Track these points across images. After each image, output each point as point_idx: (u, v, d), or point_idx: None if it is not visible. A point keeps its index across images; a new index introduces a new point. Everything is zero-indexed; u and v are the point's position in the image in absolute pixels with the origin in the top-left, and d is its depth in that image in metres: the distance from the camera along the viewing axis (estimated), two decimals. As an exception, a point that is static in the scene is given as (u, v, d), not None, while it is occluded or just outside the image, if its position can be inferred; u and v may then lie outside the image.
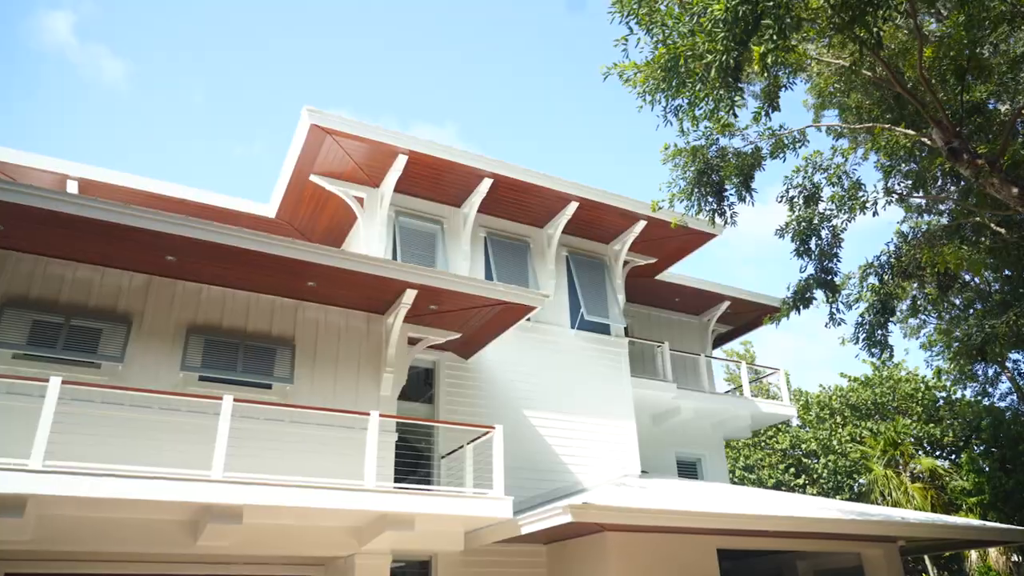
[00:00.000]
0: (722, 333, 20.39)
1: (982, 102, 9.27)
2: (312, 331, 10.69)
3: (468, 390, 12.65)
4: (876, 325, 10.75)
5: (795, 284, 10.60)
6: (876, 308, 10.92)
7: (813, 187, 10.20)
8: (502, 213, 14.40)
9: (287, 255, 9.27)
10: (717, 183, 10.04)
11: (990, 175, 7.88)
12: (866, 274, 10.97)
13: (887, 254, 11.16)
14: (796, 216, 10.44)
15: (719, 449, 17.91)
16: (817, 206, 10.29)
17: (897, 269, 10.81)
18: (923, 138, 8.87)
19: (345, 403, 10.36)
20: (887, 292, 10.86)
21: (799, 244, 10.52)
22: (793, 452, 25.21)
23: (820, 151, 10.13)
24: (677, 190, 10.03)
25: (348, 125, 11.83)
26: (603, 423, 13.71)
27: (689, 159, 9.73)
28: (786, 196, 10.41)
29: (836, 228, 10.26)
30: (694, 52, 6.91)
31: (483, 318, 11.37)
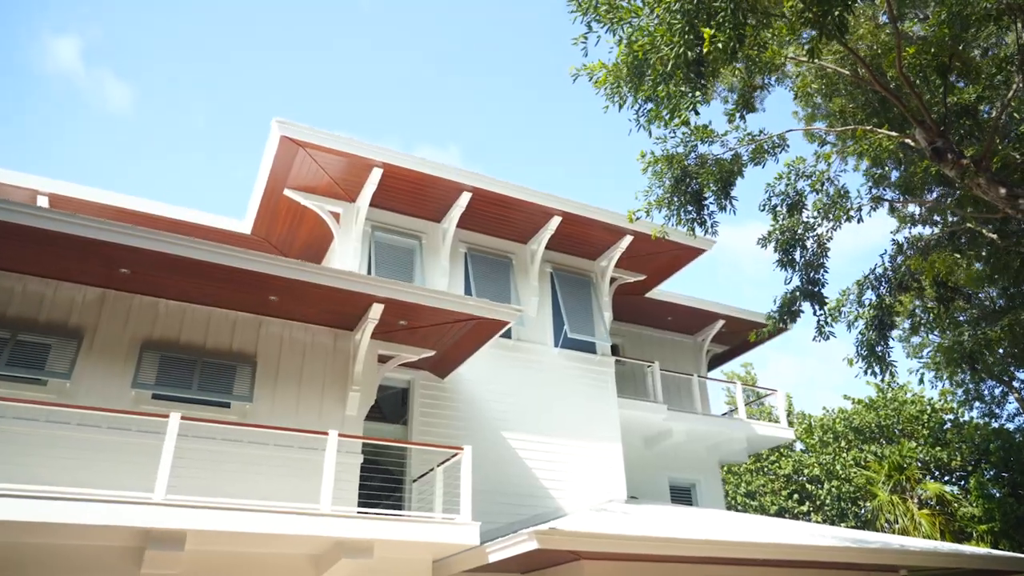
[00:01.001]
0: (718, 354, 19.82)
1: (971, 104, 8.86)
2: (275, 348, 10.28)
3: (444, 410, 12.16)
4: (875, 341, 10.21)
5: (780, 297, 10.10)
6: (874, 324, 10.40)
7: (796, 195, 9.77)
8: (483, 228, 14.03)
9: (244, 267, 8.90)
10: (696, 191, 9.62)
11: (976, 175, 7.43)
12: (863, 289, 10.47)
13: (882, 266, 10.67)
14: (779, 225, 10.00)
15: (715, 474, 17.26)
16: (801, 214, 9.84)
17: (894, 282, 10.31)
18: (907, 139, 8.44)
19: (308, 423, 9.90)
20: (885, 306, 10.35)
21: (782, 255, 10.05)
22: (797, 478, 24.42)
23: (803, 157, 9.72)
24: (654, 199, 9.62)
25: (319, 137, 11.53)
26: (587, 446, 13.16)
27: (665, 166, 9.33)
28: (768, 204, 9.98)
29: (821, 238, 9.80)
30: (653, 46, 6.55)
31: (457, 334, 10.93)
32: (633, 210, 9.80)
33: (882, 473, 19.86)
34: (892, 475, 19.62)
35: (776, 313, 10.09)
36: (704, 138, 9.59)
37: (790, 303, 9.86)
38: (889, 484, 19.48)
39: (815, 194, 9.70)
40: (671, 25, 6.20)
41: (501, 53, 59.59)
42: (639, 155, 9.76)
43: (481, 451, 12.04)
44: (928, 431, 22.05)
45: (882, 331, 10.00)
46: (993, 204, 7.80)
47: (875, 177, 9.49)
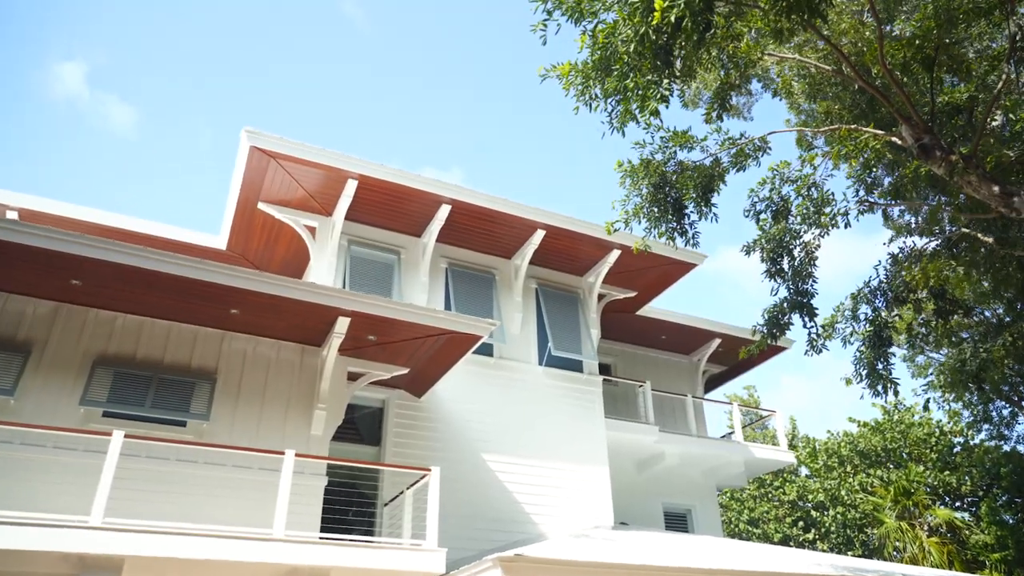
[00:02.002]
0: (715, 374, 19.21)
1: (963, 104, 8.41)
2: (238, 364, 9.84)
3: (420, 431, 11.65)
4: (874, 358, 9.66)
5: (767, 309, 9.58)
6: (871, 340, 9.86)
7: (781, 200, 9.31)
8: (465, 243, 13.62)
9: (198, 277, 8.50)
10: (676, 200, 9.18)
11: (966, 172, 6.96)
12: (857, 303, 9.94)
13: (877, 278, 10.15)
14: (766, 233, 9.52)
15: (711, 499, 16.57)
16: (787, 221, 9.37)
17: (890, 295, 9.79)
18: (893, 138, 7.99)
19: (270, 443, 9.42)
20: (881, 321, 9.82)
21: (769, 264, 9.56)
22: (802, 504, 23.58)
23: (787, 161, 9.27)
24: (631, 208, 9.18)
25: (290, 147, 11.20)
26: (573, 468, 12.58)
27: (642, 173, 8.90)
28: (752, 210, 9.51)
29: (808, 245, 9.31)
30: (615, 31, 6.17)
31: (430, 350, 10.46)
32: (611, 221, 9.35)
33: (888, 499, 19.08)
34: (899, 501, 18.84)
35: (763, 327, 9.56)
36: (683, 143, 9.17)
37: (778, 315, 9.34)
38: (896, 510, 18.69)
39: (801, 199, 9.23)
40: (631, 5, 5.82)
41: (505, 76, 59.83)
42: (616, 164, 9.34)
43: (459, 474, 11.52)
44: (936, 455, 21.26)
45: (880, 347, 9.46)
46: (985, 203, 7.32)
47: (861, 178, 9.01)
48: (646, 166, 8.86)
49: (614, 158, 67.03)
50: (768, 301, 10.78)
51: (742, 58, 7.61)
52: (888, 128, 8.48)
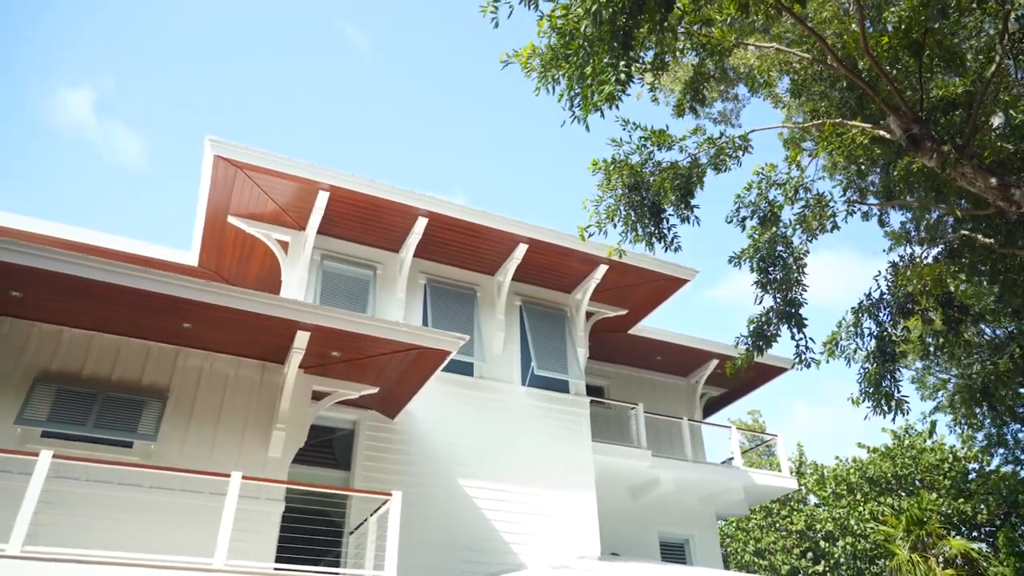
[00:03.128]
0: (714, 397, 18.45)
1: (958, 98, 7.85)
2: (192, 381, 9.30)
3: (393, 454, 11.02)
4: (879, 375, 8.99)
5: (752, 319, 8.95)
6: (876, 356, 9.19)
7: (768, 205, 8.73)
8: (446, 259, 13.11)
9: (144, 287, 7.98)
10: (653, 202, 8.63)
11: (959, 163, 6.39)
12: (860, 317, 9.30)
13: (879, 289, 9.50)
14: (756, 241, 8.93)
15: (711, 528, 15.74)
16: (776, 227, 8.79)
17: (894, 305, 9.14)
18: (881, 131, 7.44)
19: (224, 465, 8.82)
20: (886, 335, 9.16)
21: (760, 275, 8.95)
22: (811, 534, 22.57)
23: (774, 164, 8.73)
24: (605, 209, 8.63)
25: (256, 157, 10.78)
26: (557, 494, 11.88)
27: (615, 173, 8.37)
28: (737, 216, 8.93)
29: (796, 251, 8.71)
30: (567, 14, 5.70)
31: (399, 367, 9.88)
32: (584, 226, 8.80)
33: (900, 528, 18.12)
34: (911, 530, 17.87)
35: (747, 339, 8.92)
36: (661, 143, 8.65)
37: (764, 326, 8.70)
38: (908, 541, 17.73)
39: (789, 204, 8.66)
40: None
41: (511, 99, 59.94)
42: (591, 163, 8.82)
43: (434, 500, 10.88)
44: (950, 481, 20.28)
45: (886, 363, 8.79)
46: (982, 198, 6.75)
47: (847, 176, 8.42)
48: (617, 165, 8.33)
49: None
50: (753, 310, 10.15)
51: (716, 46, 7.11)
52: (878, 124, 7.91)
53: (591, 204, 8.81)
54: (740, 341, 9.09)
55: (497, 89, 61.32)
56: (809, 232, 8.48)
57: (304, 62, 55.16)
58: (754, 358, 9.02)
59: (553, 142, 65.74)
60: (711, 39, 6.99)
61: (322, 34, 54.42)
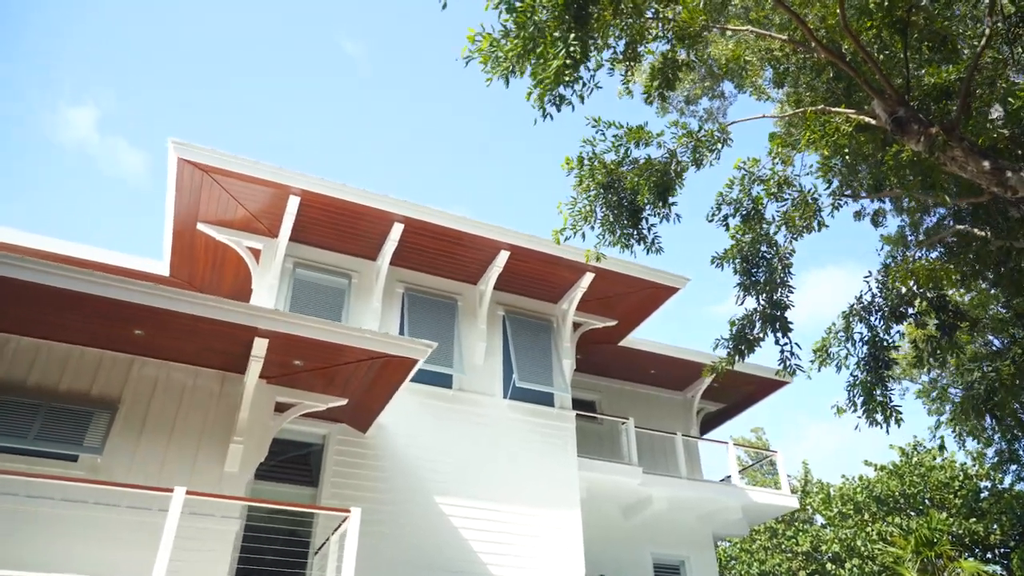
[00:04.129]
0: (712, 412, 17.82)
1: (951, 85, 7.36)
2: (146, 391, 8.82)
3: (364, 469, 10.49)
4: (871, 384, 8.42)
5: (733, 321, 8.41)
6: (867, 363, 8.63)
7: (752, 202, 8.23)
8: (425, 267, 12.65)
9: (84, 290, 7.55)
10: (631, 201, 8.16)
11: (948, 146, 5.89)
12: (850, 322, 8.75)
13: (870, 292, 8.94)
14: (738, 242, 8.42)
15: (708, 549, 15.03)
16: (759, 226, 8.28)
17: (886, 310, 8.58)
18: (865, 118, 6.95)
19: (176, 480, 8.32)
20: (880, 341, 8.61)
21: (744, 277, 8.42)
22: (818, 556, 21.72)
23: (757, 159, 8.23)
24: (580, 209, 8.16)
25: (222, 160, 10.40)
26: (540, 513, 11.29)
27: (588, 174, 7.90)
28: (718, 214, 8.42)
29: (781, 250, 8.19)
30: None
31: (366, 377, 9.39)
32: (558, 228, 8.32)
33: (909, 549, 17.31)
34: (920, 552, 17.07)
35: (728, 342, 8.37)
36: (638, 140, 8.19)
37: (746, 330, 8.16)
38: (917, 563, 16.93)
39: (773, 200, 8.16)
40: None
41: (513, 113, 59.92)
42: (564, 161, 8.36)
43: (408, 518, 10.32)
44: (961, 500, 19.46)
45: (878, 370, 8.22)
46: (975, 185, 6.24)
47: (833, 167, 7.91)
48: (591, 163, 7.87)
49: None
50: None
51: (686, 29, 6.67)
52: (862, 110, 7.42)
53: (566, 206, 8.34)
54: (720, 345, 8.53)
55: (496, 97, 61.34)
56: (794, 230, 7.97)
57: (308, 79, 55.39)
58: (735, 364, 8.46)
59: (544, 154, 65.59)
60: (679, 22, 6.55)
61: (323, 49, 54.68)
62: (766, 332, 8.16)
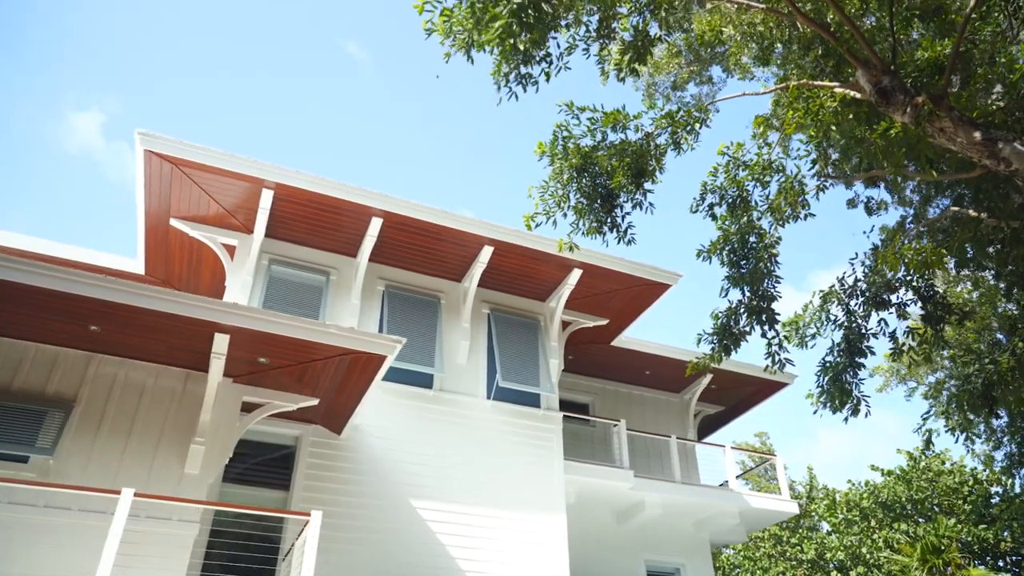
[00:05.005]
0: (711, 415, 17.31)
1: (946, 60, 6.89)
2: (104, 391, 8.47)
3: (338, 472, 10.09)
4: (841, 368, 7.97)
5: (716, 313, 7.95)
6: (840, 348, 8.18)
7: (737, 188, 7.79)
8: (407, 264, 12.28)
9: (31, 283, 7.20)
10: (606, 186, 7.75)
11: (935, 116, 5.45)
12: (827, 303, 8.29)
13: (853, 275, 8.45)
14: (725, 232, 7.98)
15: (704, 556, 14.52)
16: (746, 215, 7.83)
17: (869, 295, 8.11)
18: (850, 90, 6.51)
19: (134, 482, 7.94)
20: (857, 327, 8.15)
21: (732, 269, 7.97)
22: (824, 564, 21.09)
23: (742, 143, 7.79)
24: (552, 195, 7.75)
25: (191, 152, 10.06)
26: (523, 517, 10.85)
27: (560, 155, 7.51)
28: (700, 203, 7.97)
29: (765, 237, 7.74)
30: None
31: (335, 375, 9.00)
32: (529, 214, 7.92)
33: (916, 557, 16.72)
34: (928, 559, 16.48)
35: (712, 337, 7.91)
36: (615, 123, 7.78)
37: (730, 322, 7.71)
38: (924, 570, 16.33)
39: (759, 185, 7.72)
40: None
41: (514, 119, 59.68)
42: (537, 146, 7.96)
43: (384, 523, 9.93)
44: (970, 506, 18.82)
45: (852, 356, 7.76)
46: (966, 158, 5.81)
47: (818, 145, 7.46)
48: (568, 149, 7.47)
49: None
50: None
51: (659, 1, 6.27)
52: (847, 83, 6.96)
53: (537, 191, 7.94)
54: (704, 339, 8.07)
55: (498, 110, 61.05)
56: (779, 215, 7.51)
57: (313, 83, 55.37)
58: (720, 360, 8.00)
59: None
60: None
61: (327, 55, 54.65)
62: (752, 325, 7.72)
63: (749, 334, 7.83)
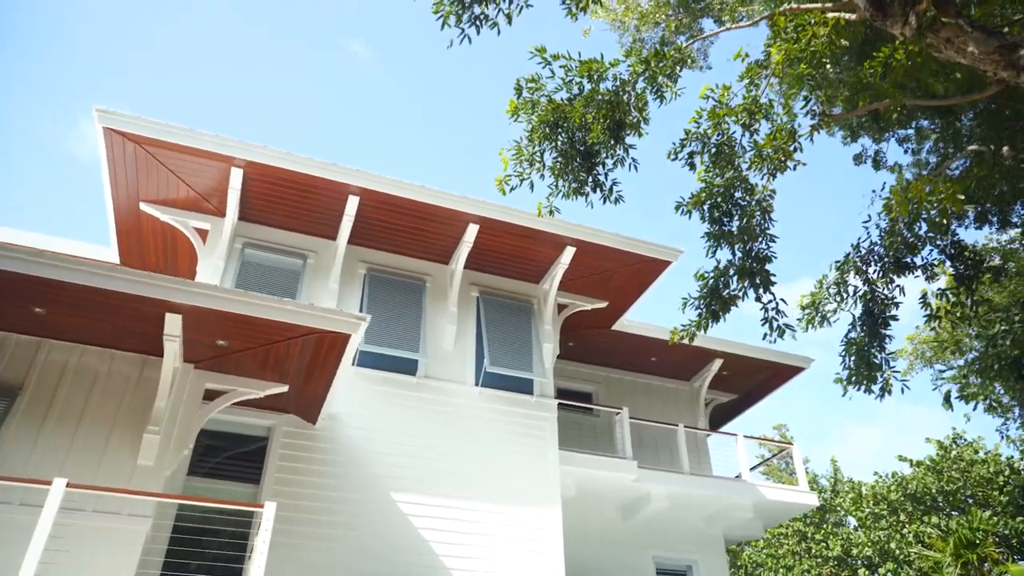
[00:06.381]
0: (723, 404, 16.43)
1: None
2: (53, 378, 7.96)
3: (312, 464, 9.49)
4: (865, 344, 7.17)
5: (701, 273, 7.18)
6: (864, 321, 7.37)
7: (722, 135, 7.02)
8: (390, 245, 11.67)
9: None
10: (582, 142, 7.05)
11: (939, 22, 4.67)
12: (844, 272, 7.48)
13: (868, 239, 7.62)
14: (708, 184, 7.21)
15: (718, 552, 13.69)
16: (731, 166, 7.07)
17: (888, 259, 7.29)
18: (842, 12, 5.73)
19: (80, 475, 7.43)
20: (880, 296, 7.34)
21: (714, 226, 7.20)
22: (851, 561, 20.06)
23: (728, 85, 7.02)
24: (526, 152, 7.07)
25: (151, 128, 9.54)
26: (514, 511, 10.15)
27: (527, 106, 6.82)
28: (680, 151, 7.18)
29: (759, 191, 6.97)
30: None
31: (300, 359, 8.41)
32: (501, 176, 7.25)
33: (948, 552, 15.69)
34: (961, 554, 15.44)
35: (698, 301, 7.14)
36: (591, 73, 7.08)
37: (719, 285, 6.94)
38: (957, 566, 15.30)
39: (746, 133, 6.96)
40: None
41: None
42: (508, 105, 7.28)
43: (362, 519, 9.32)
44: (1007, 497, 17.70)
45: (874, 329, 6.96)
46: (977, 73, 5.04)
47: (810, 86, 6.68)
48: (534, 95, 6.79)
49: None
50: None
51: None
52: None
53: (509, 151, 7.26)
54: (689, 304, 7.28)
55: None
56: (768, 163, 6.73)
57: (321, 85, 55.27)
58: (707, 327, 7.22)
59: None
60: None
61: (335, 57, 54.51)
62: (744, 289, 6.95)
63: (741, 299, 7.05)
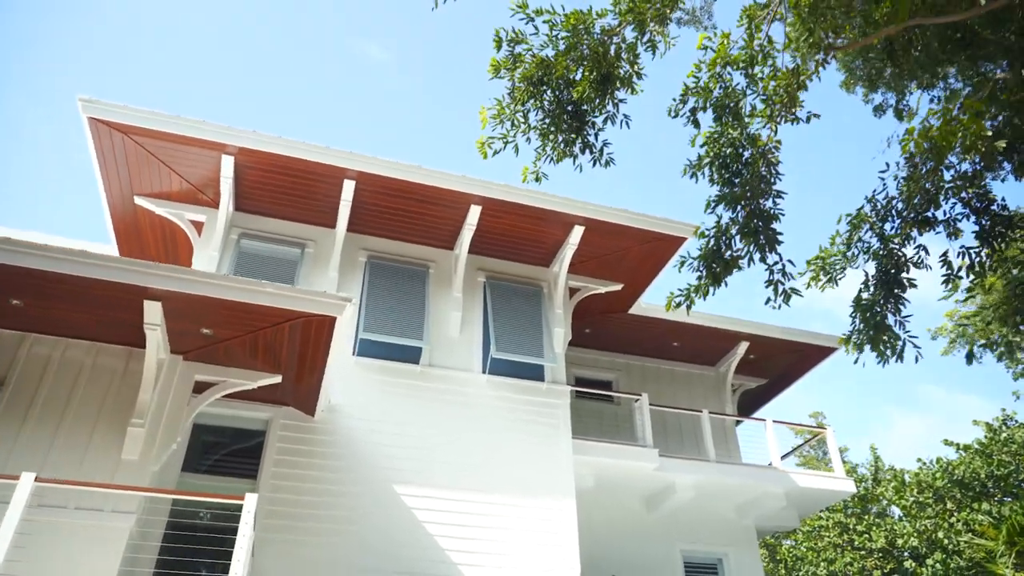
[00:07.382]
0: (751, 389, 15.70)
1: None
2: (36, 372, 7.72)
3: (312, 458, 9.13)
4: (880, 307, 6.53)
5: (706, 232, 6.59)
6: (878, 279, 6.73)
7: (725, 86, 6.44)
8: (392, 232, 11.28)
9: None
10: (569, 100, 6.55)
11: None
12: (856, 228, 6.84)
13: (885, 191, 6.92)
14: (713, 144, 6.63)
15: (750, 545, 12.98)
16: (738, 122, 6.48)
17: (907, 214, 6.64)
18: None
19: (62, 471, 7.17)
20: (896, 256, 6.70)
21: (724, 187, 6.63)
22: (897, 553, 19.09)
23: (727, 32, 6.45)
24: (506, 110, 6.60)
25: (136, 117, 9.29)
26: (525, 503, 9.66)
27: (508, 63, 6.35)
28: (681, 106, 6.61)
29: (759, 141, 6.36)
30: None
31: (290, 346, 8.05)
32: (482, 139, 6.79)
33: (1001, 540, 14.68)
34: (1016, 541, 14.43)
35: (698, 263, 6.55)
36: (576, 25, 6.57)
37: (720, 245, 6.35)
38: (1012, 555, 14.31)
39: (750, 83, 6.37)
40: None
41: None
42: (490, 64, 6.81)
43: (364, 513, 8.94)
44: (1063, 481, 16.63)
45: (890, 290, 6.32)
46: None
47: (814, 26, 6.05)
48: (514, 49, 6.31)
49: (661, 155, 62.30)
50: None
51: None
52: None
53: (490, 111, 6.79)
54: (688, 264, 6.68)
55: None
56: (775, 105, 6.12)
57: (331, 88, 55.50)
58: (708, 292, 6.60)
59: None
60: None
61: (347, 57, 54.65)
62: (749, 249, 6.36)
63: (746, 259, 6.45)
